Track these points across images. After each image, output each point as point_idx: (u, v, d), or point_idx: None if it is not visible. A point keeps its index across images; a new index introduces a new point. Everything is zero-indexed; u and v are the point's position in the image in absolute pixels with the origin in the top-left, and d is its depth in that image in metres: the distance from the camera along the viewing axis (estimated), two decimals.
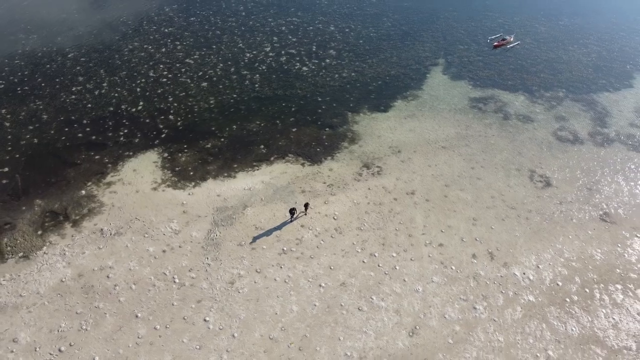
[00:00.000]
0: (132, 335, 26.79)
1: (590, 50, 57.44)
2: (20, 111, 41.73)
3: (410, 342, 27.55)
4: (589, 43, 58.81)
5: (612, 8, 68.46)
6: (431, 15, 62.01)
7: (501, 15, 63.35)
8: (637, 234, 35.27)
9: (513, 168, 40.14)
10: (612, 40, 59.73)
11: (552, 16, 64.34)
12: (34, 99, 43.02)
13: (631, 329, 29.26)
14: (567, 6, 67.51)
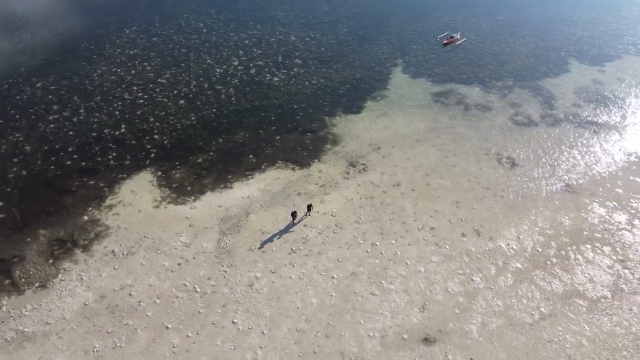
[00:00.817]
0: (167, 346, 28.04)
1: (527, 41, 63.41)
2: (0, 145, 41.22)
3: (423, 317, 30.54)
4: (525, 35, 64.84)
5: (541, 1, 75.41)
6: (382, 20, 65.95)
7: (445, 15, 68.33)
8: (595, 200, 40.25)
9: (482, 153, 44.34)
10: (545, 31, 66.16)
11: (491, 13, 70.16)
12: (12, 132, 42.56)
13: (604, 280, 33.73)
14: (502, 3, 73.65)
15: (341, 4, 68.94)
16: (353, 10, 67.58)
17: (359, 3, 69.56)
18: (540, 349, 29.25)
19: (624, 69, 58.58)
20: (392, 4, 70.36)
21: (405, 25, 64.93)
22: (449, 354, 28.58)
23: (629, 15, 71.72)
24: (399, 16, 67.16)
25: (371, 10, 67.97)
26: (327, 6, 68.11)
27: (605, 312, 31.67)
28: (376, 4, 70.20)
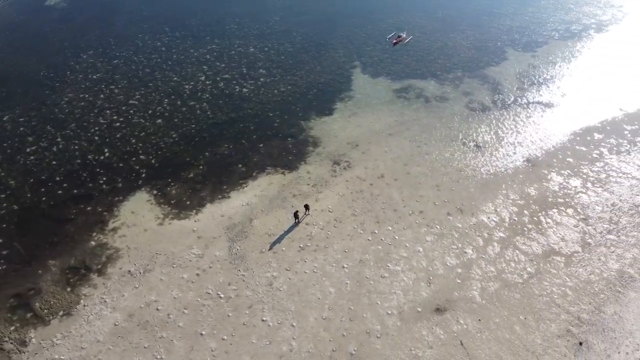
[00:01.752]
0: (206, 351, 29.53)
1: (467, 35, 69.20)
2: None
3: (431, 290, 33.95)
4: (464, 29, 70.64)
5: None
6: (332, 25, 69.26)
7: (389, 17, 72.79)
8: (552, 170, 45.65)
9: (449, 140, 48.69)
10: (480, 24, 72.37)
11: (429, 11, 75.52)
12: None
13: (573, 238, 38.79)
14: (438, 2, 79.40)
15: (291, 14, 71.56)
16: (303, 19, 70.42)
17: (307, 11, 72.49)
18: (534, 302, 33.51)
19: (553, 52, 65.64)
20: (339, 10, 73.85)
21: (355, 29, 68.66)
22: (460, 319, 32.13)
23: (548, 5, 79.80)
24: (347, 21, 70.78)
25: (320, 18, 71.13)
26: (277, 16, 70.48)
27: (580, 264, 36.60)
28: (324, 10, 73.42)
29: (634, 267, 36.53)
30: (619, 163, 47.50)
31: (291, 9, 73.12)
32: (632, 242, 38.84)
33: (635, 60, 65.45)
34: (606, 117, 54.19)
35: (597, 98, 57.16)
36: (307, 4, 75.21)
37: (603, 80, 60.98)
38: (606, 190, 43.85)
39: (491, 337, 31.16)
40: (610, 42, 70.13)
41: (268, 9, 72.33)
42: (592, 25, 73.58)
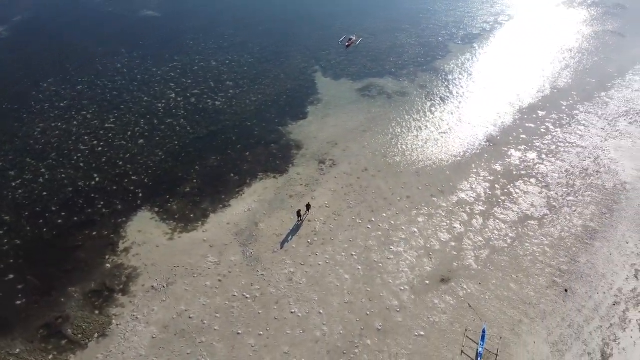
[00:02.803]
0: (247, 348, 31.50)
1: (411, 33, 74.56)
2: None
3: (433, 264, 37.81)
4: (406, 28, 76.02)
5: None
6: (285, 33, 72.09)
7: (337, 21, 76.71)
8: (510, 147, 51.32)
9: (419, 130, 53.15)
10: (420, 22, 78.16)
11: (372, 13, 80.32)
12: None
13: (541, 203, 44.28)
14: (379, 5, 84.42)
15: (243, 26, 73.51)
16: (256, 30, 72.66)
17: (258, 22, 74.81)
18: (521, 262, 38.30)
19: (488, 42, 72.59)
20: (289, 18, 76.84)
21: (308, 36, 71.90)
22: (464, 284, 36.21)
23: None
24: (298, 29, 73.90)
25: (272, 27, 73.71)
26: (231, 29, 72.22)
27: (551, 224, 42.02)
28: (274, 20, 76.06)
29: (594, 221, 42.48)
30: (563, 135, 54.14)
31: (243, 21, 75.13)
32: (588, 200, 44.93)
33: (560, 40, 73.95)
34: (544, 95, 61.20)
35: (533, 79, 64.30)
36: (257, 15, 77.57)
37: (535, 61, 68.50)
38: (558, 159, 50.06)
39: (493, 297, 35.46)
40: (536, 27, 78.47)
41: (219, 23, 73.86)
42: (517, 14, 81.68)
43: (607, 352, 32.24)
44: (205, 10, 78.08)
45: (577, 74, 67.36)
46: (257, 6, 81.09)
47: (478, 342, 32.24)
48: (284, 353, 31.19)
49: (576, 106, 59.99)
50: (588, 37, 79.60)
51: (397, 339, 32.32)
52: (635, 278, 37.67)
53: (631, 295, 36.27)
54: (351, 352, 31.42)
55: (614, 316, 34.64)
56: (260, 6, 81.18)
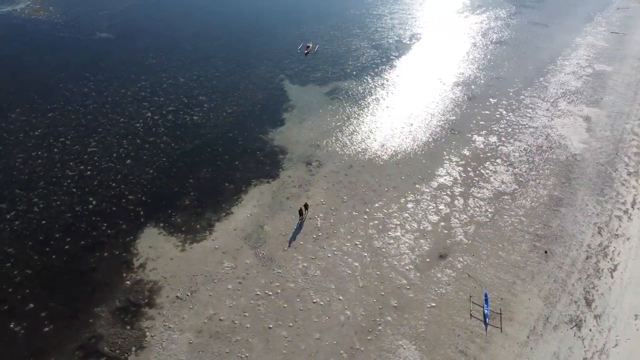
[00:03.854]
0: (280, 339, 33.75)
1: (362, 37, 79.11)
2: None
3: (430, 243, 41.73)
4: (357, 33, 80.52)
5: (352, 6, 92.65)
6: (245, 45, 74.17)
7: (292, 30, 79.78)
8: (473, 133, 56.63)
9: (390, 125, 57.31)
10: (368, 26, 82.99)
11: (322, 21, 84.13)
12: None
13: (509, 179, 49.56)
14: (327, 13, 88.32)
15: (201, 41, 74.81)
16: (216, 44, 74.23)
17: (216, 37, 76.42)
18: (503, 232, 43.05)
19: (434, 42, 78.49)
20: (245, 30, 78.97)
21: (267, 46, 74.47)
22: (459, 258, 40.36)
23: (414, 2, 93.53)
24: (257, 39, 76.28)
25: (231, 41, 75.56)
26: (189, 45, 73.37)
27: (522, 197, 47.29)
28: (231, 34, 77.91)
29: (557, 190, 48.27)
30: (515, 118, 60.28)
31: (199, 37, 76.45)
32: (548, 173, 50.79)
33: (496, 34, 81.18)
34: (492, 84, 67.48)
35: (480, 70, 70.55)
36: (212, 30, 79.12)
37: (478, 54, 75.03)
38: (516, 140, 55.90)
39: (486, 265, 39.85)
40: (472, 24, 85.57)
41: (177, 40, 74.73)
42: (458, 12, 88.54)
43: (589, 298, 37.43)
44: (159, 29, 78.56)
45: (516, 63, 74.57)
46: (210, 22, 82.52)
47: (483, 305, 36.35)
48: (316, 339, 33.73)
49: (521, 92, 66.70)
50: (518, 29, 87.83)
51: (413, 313, 35.80)
52: (599, 234, 43.51)
53: (599, 249, 41.96)
54: (375, 330, 34.50)
55: (589, 268, 40.07)
56: (214, 21, 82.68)
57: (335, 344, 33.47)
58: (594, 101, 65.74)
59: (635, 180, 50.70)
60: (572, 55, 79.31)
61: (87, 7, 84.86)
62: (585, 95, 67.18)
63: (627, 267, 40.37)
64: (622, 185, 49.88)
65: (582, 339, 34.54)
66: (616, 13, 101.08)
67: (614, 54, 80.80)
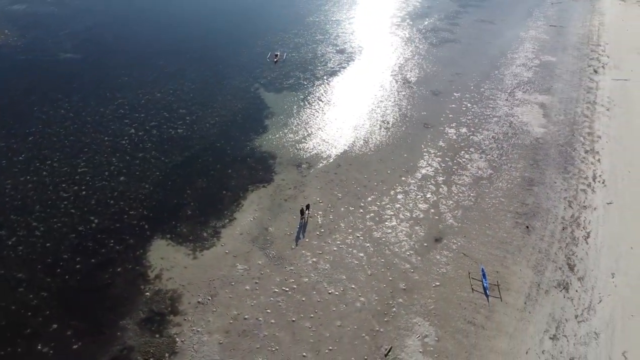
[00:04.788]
0: (306, 329, 35.95)
1: (326, 43, 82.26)
2: None
3: (424, 230, 45.15)
4: (320, 39, 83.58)
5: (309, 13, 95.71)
6: (215, 58, 75.24)
7: (257, 40, 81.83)
8: (445, 126, 60.93)
9: (368, 125, 60.58)
10: (327, 33, 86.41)
11: (285, 30, 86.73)
12: None
13: (485, 165, 53.98)
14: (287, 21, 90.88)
15: (171, 55, 75.18)
16: (186, 57, 74.99)
17: (185, 50, 77.07)
18: (487, 213, 47.19)
19: (395, 44, 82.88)
20: (213, 44, 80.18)
21: (237, 57, 76.17)
22: (453, 240, 44.04)
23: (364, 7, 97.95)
24: (225, 51, 77.72)
25: (201, 55, 76.41)
26: (161, 60, 73.75)
27: (498, 180, 51.77)
28: (198, 47, 78.94)
29: (527, 171, 53.15)
30: (480, 109, 65.21)
31: (168, 51, 76.91)
32: (516, 157, 55.71)
33: (448, 34, 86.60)
34: (453, 79, 72.39)
35: (440, 67, 75.38)
36: (180, 44, 79.76)
37: (436, 53, 79.97)
38: (484, 129, 60.67)
39: (478, 243, 43.70)
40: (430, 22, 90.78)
41: (146, 56, 74.91)
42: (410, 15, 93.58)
43: (571, 264, 42.01)
44: (126, 47, 78.25)
45: (471, 59, 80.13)
46: (176, 38, 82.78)
47: (481, 280, 40.03)
48: (338, 326, 36.16)
49: (480, 85, 71.98)
50: (467, 27, 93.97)
51: (421, 292, 38.97)
52: (570, 207, 48.51)
53: (572, 220, 46.87)
54: (390, 312, 37.36)
55: (566, 237, 44.82)
56: (179, 38, 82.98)
57: (357, 329, 36.04)
58: (545, 89, 71.94)
59: (592, 157, 56.47)
60: (519, 49, 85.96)
61: (45, 29, 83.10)
62: (537, 84, 73.33)
63: (598, 233, 45.39)
64: (582, 162, 55.47)
65: (570, 299, 38.88)
66: (551, 8, 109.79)
67: (556, 45, 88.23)
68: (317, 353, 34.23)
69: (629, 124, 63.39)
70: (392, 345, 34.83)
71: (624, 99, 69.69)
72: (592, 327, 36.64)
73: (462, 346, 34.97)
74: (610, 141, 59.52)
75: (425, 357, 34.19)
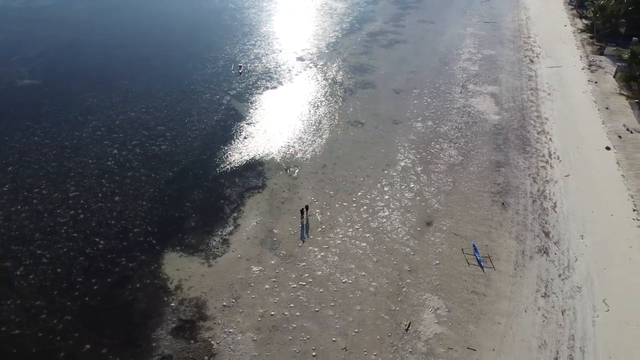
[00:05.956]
0: (330, 317, 38.87)
1: (285, 52, 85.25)
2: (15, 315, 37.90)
3: (415, 216, 49.38)
4: (279, 48, 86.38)
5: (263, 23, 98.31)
6: (180, 74, 76.07)
7: (217, 54, 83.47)
8: (412, 121, 65.83)
9: (342, 125, 64.27)
10: (283, 41, 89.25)
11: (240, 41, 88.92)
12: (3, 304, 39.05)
13: (455, 153, 59.26)
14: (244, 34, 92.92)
15: (135, 74, 74.90)
16: (151, 75, 75.00)
17: (148, 69, 77.04)
18: (467, 195, 52.23)
19: (349, 49, 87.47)
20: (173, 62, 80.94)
21: (201, 72, 77.45)
22: (442, 221, 48.58)
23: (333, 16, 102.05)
24: (189, 66, 78.75)
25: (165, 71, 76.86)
26: (126, 79, 73.32)
27: (469, 165, 57.12)
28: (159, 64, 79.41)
29: (492, 155, 59.00)
30: (440, 103, 70.94)
31: (131, 70, 76.78)
32: (480, 143, 61.51)
33: (394, 35, 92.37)
34: (411, 78, 77.75)
35: (397, 68, 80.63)
36: (141, 62, 79.81)
37: (388, 51, 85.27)
38: (448, 121, 66.27)
39: (464, 222, 48.52)
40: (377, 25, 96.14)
41: (110, 78, 74.17)
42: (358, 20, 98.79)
43: (546, 231, 47.80)
44: (86, 69, 76.81)
45: (422, 57, 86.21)
46: (132, 55, 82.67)
47: (474, 254, 44.66)
48: (358, 310, 39.36)
49: (435, 81, 77.87)
50: (411, 28, 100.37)
51: (425, 271, 43.04)
52: (535, 182, 54.65)
53: (539, 194, 52.90)
54: (402, 292, 41.08)
55: (537, 209, 50.66)
56: (135, 54, 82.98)
57: (375, 310, 39.43)
58: (492, 80, 78.99)
59: (544, 137, 63.38)
60: (462, 45, 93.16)
61: None
62: (484, 76, 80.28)
63: (563, 202, 51.60)
64: (537, 142, 62.16)
65: (552, 261, 44.41)
66: (481, 6, 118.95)
67: (493, 40, 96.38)
68: (346, 337, 37.24)
69: (569, 105, 71.30)
70: (410, 320, 38.48)
71: (560, 84, 77.97)
72: (574, 282, 42.24)
73: (470, 313, 39.28)
74: (557, 121, 66.89)
75: (441, 327, 38.16)
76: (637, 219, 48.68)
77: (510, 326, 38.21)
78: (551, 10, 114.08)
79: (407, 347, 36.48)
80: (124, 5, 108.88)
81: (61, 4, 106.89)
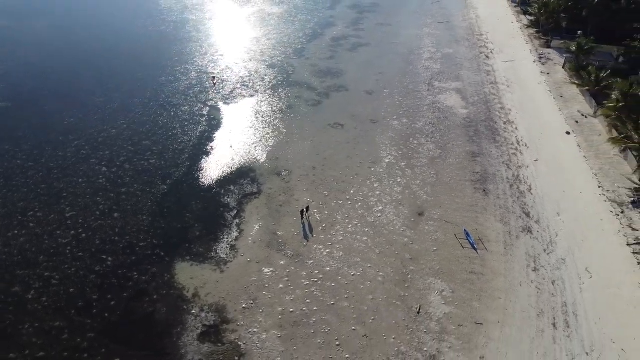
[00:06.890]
0: (347, 309, 41.27)
1: (256, 60, 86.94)
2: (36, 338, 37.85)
3: (407, 208, 52.66)
4: (249, 57, 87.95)
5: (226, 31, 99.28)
6: (156, 88, 76.34)
7: (188, 67, 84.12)
8: (389, 119, 69.31)
9: (323, 129, 66.89)
10: (251, 49, 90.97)
11: (209, 53, 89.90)
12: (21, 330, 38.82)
13: (433, 147, 63.12)
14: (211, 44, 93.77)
15: (109, 91, 74.03)
16: (124, 90, 74.74)
17: (121, 84, 76.53)
18: (450, 185, 56.10)
19: (321, 54, 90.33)
20: (149, 75, 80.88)
21: (175, 85, 77.97)
22: (432, 211, 52.12)
23: None
24: (161, 79, 79.04)
25: (139, 87, 76.43)
26: (100, 96, 72.40)
27: (448, 157, 61.13)
28: (132, 81, 79.10)
29: (467, 146, 63.44)
30: (410, 101, 75.04)
31: (103, 87, 76.07)
32: (454, 136, 65.87)
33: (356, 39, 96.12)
34: (379, 79, 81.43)
35: (363, 69, 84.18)
36: (111, 81, 78.93)
37: (355, 55, 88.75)
38: (421, 117, 70.44)
39: (452, 210, 52.27)
40: (340, 29, 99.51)
41: (82, 96, 72.98)
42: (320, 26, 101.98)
43: (526, 212, 52.31)
44: (57, 89, 74.98)
45: (386, 59, 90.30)
46: (101, 71, 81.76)
47: (467, 239, 48.34)
48: (371, 300, 42.00)
49: (403, 80, 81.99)
50: (371, 32, 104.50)
51: (425, 258, 46.29)
52: (509, 169, 59.35)
53: (514, 179, 57.53)
54: (407, 279, 44.12)
55: (515, 192, 55.22)
56: (104, 70, 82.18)
57: (387, 298, 42.22)
58: (455, 77, 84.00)
59: (510, 126, 68.57)
60: (422, 45, 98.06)
61: None
62: (447, 73, 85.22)
63: (537, 185, 56.42)
64: (505, 132, 67.21)
65: (536, 238, 48.80)
66: (432, 7, 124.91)
67: (449, 39, 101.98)
68: (364, 325, 39.78)
69: (527, 96, 77.15)
70: (420, 304, 41.52)
71: (516, 77, 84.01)
72: (558, 255, 46.70)
73: (472, 292, 42.80)
74: (519, 111, 72.36)
75: (448, 306, 41.43)
76: (602, 194, 54.01)
77: (510, 300, 41.99)
78: (497, 9, 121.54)
79: (422, 328, 39.45)
80: (85, 22, 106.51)
81: (16, 25, 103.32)
